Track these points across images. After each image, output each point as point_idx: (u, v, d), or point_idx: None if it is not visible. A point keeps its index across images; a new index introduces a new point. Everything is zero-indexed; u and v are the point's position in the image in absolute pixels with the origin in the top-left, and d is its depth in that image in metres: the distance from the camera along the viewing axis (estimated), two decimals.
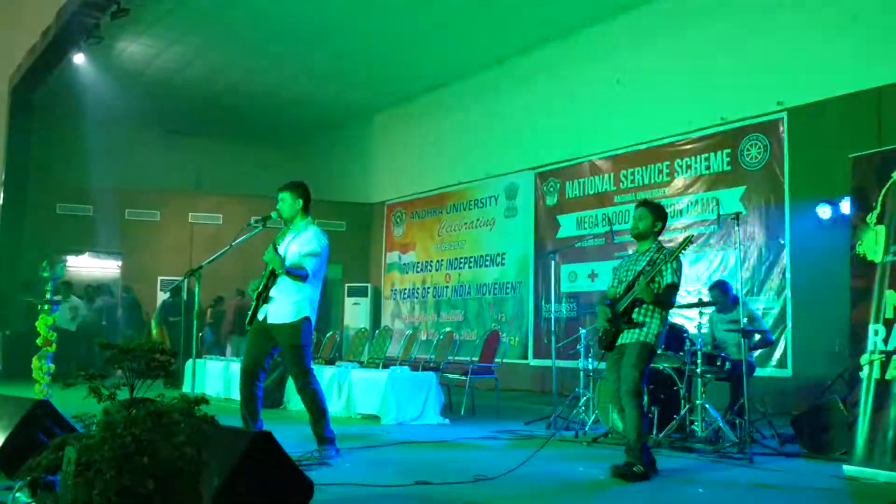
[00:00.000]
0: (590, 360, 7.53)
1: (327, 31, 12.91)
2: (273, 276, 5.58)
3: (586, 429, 7.09)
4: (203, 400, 3.42)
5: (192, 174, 18.08)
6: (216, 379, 10.35)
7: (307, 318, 5.56)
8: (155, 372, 3.64)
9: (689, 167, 10.61)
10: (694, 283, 9.52)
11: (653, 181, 11.06)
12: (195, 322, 6.41)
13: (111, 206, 15.52)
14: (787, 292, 9.19)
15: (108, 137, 15.81)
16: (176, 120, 17.60)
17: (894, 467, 4.95)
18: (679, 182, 10.69)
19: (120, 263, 16.27)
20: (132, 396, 3.48)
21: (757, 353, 8.77)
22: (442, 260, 15.02)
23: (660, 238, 5.55)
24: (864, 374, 5.31)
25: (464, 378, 9.09)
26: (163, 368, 3.66)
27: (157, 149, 17.44)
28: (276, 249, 5.56)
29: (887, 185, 5.42)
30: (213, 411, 3.41)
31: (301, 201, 5.74)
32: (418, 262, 15.69)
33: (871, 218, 5.48)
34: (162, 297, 14.33)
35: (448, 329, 11.97)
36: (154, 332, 13.22)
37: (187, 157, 18.15)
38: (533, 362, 12.53)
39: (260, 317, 5.63)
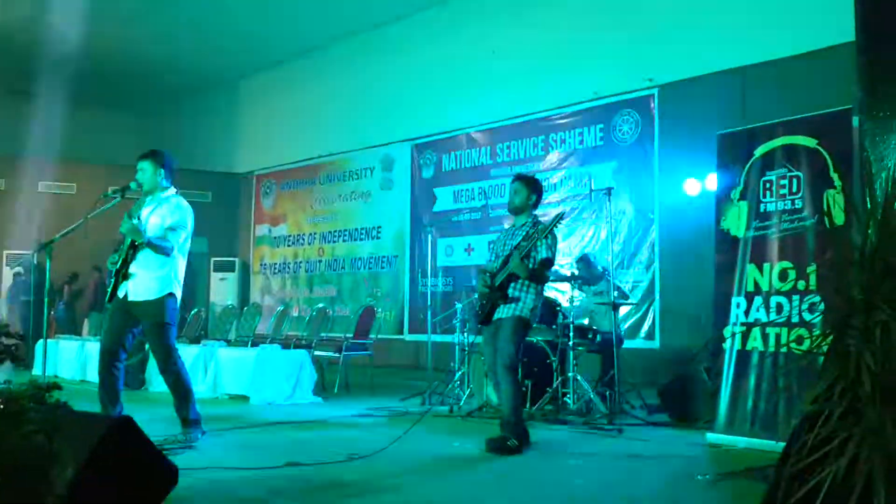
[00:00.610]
0: (465, 334, 7.53)
1: None
2: (133, 250, 5.26)
3: (461, 404, 7.10)
4: (55, 385, 3.25)
5: (42, 140, 16.82)
6: (71, 361, 9.77)
7: (171, 295, 5.30)
8: (0, 357, 3.41)
9: (563, 141, 10.75)
10: (567, 256, 9.68)
11: (528, 155, 11.15)
12: (46, 300, 5.97)
13: None
14: (656, 266, 9.49)
15: None
16: (25, 80, 16.27)
17: (753, 434, 5.17)
18: (553, 156, 10.82)
19: None
20: None
21: (626, 324, 9.04)
22: (315, 233, 14.70)
23: (535, 212, 5.57)
24: (726, 345, 5.52)
25: (337, 355, 8.92)
26: (9, 353, 3.45)
27: (3, 111, 16.16)
28: (133, 221, 5.22)
29: (750, 162, 5.63)
30: (68, 396, 3.25)
31: (163, 171, 5.46)
32: (290, 236, 15.30)
33: (735, 194, 5.69)
34: (7, 272, 13.36)
35: (321, 305, 11.76)
36: (4, 314, 12.36)
37: (38, 121, 16.87)
38: (409, 337, 12.48)
39: (120, 294, 5.31)
